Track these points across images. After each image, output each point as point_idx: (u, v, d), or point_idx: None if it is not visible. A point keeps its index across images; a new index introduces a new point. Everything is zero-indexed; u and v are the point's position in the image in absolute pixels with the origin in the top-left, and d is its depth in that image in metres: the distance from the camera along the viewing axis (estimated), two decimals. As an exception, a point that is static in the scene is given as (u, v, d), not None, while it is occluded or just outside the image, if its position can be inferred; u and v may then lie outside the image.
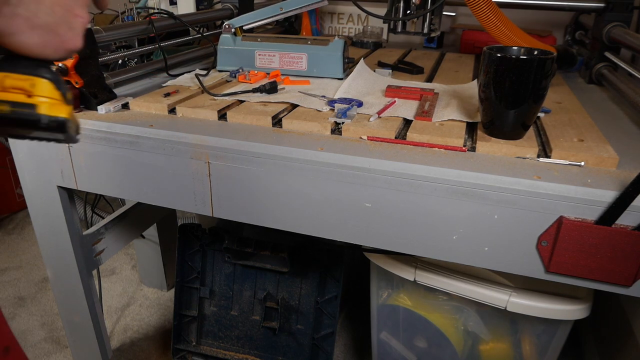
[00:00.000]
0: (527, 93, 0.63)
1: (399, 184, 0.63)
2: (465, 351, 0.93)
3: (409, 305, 0.95)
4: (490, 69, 0.64)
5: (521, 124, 0.66)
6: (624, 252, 0.56)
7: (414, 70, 1.10)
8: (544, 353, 0.88)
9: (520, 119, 0.65)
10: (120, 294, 1.56)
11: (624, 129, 0.78)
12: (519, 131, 0.67)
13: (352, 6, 1.17)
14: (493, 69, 0.63)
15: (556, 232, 0.58)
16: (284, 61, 1.02)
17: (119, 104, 0.83)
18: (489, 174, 0.60)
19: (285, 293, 1.13)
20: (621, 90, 0.89)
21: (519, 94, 0.63)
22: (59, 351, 1.33)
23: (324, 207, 0.69)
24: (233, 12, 1.33)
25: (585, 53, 1.14)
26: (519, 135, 0.68)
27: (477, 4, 0.88)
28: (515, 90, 0.63)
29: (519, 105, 0.64)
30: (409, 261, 0.88)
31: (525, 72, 0.61)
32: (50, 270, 0.97)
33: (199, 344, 1.21)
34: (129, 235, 1.14)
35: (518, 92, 0.63)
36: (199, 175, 0.73)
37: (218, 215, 0.76)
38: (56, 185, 0.85)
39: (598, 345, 1.17)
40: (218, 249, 1.15)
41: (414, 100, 0.86)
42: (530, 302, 0.79)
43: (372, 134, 0.71)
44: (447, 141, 0.68)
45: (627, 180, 0.55)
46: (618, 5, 1.00)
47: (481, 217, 0.61)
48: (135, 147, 0.75)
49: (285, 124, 0.75)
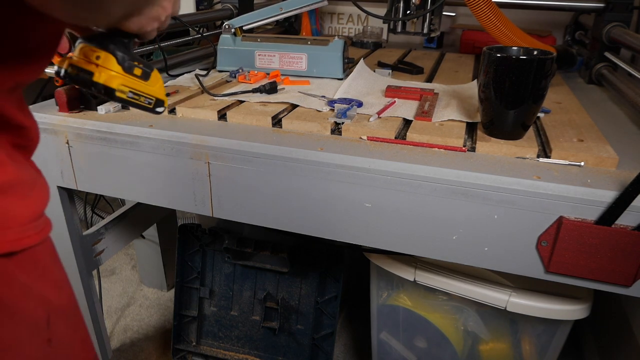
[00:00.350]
0: (526, 93, 0.63)
1: (399, 184, 0.63)
2: (465, 351, 0.93)
3: (409, 305, 0.95)
4: (490, 69, 0.64)
5: (521, 124, 0.66)
6: (624, 252, 0.56)
7: (413, 70, 1.10)
8: (544, 353, 0.88)
9: (520, 119, 0.65)
10: (120, 294, 1.56)
11: (624, 129, 0.78)
12: (518, 131, 0.67)
13: (352, 6, 1.17)
14: (493, 69, 0.63)
15: (556, 232, 0.58)
16: (283, 61, 1.02)
17: (119, 104, 0.83)
18: (489, 174, 0.60)
19: (285, 293, 1.13)
20: (621, 90, 0.89)
21: (519, 94, 0.63)
22: (59, 351, 1.33)
23: (324, 207, 0.69)
24: (233, 12, 1.33)
25: (585, 53, 1.14)
26: (518, 135, 0.68)
27: (477, 4, 0.88)
28: (515, 90, 0.63)
29: (518, 105, 0.64)
30: (409, 261, 0.88)
31: (525, 72, 0.61)
32: (50, 271, 0.97)
33: (199, 344, 1.21)
34: (129, 236, 1.14)
35: (518, 92, 0.63)
36: (199, 175, 0.73)
37: (218, 215, 0.76)
38: (56, 186, 0.85)
39: (598, 345, 1.17)
40: (218, 249, 1.15)
41: (414, 100, 0.86)
42: (530, 302, 0.79)
43: (372, 134, 0.71)
44: (447, 141, 0.68)
45: (627, 180, 0.55)
46: (618, 5, 1.00)
47: (481, 217, 0.61)
48: (135, 147, 0.75)
49: (285, 124, 0.75)
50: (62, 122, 0.78)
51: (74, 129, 0.78)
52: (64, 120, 0.78)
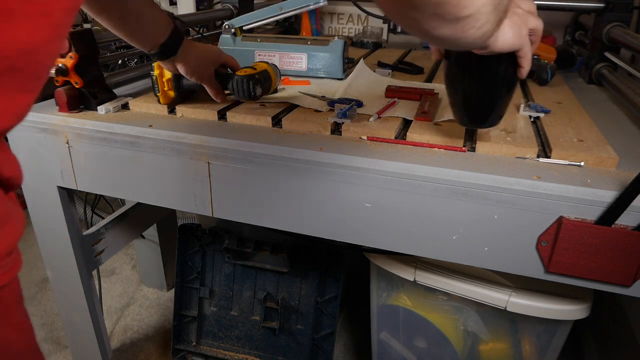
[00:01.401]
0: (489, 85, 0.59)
1: (399, 184, 0.63)
2: (465, 351, 0.93)
3: (408, 305, 0.95)
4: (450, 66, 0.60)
5: (493, 112, 0.62)
6: (624, 252, 0.56)
7: (413, 70, 1.10)
8: (544, 353, 0.88)
9: (492, 106, 0.61)
10: (120, 294, 1.56)
11: (624, 129, 0.78)
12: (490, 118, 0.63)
13: (352, 6, 1.17)
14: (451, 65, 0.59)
15: (556, 232, 0.58)
16: (283, 61, 1.02)
17: (119, 104, 0.83)
18: (489, 174, 0.60)
19: (285, 293, 1.13)
20: (621, 90, 0.89)
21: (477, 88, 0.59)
22: (59, 351, 1.33)
23: (324, 207, 0.69)
24: (233, 13, 1.33)
25: (585, 53, 1.14)
26: (488, 121, 0.63)
27: (477, 4, 0.88)
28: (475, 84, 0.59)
29: (490, 97, 0.60)
30: (409, 261, 0.88)
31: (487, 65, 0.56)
32: (50, 271, 0.97)
33: (199, 344, 1.21)
34: (129, 236, 1.14)
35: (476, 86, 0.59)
36: (199, 175, 0.73)
37: (218, 215, 0.76)
38: (56, 186, 0.85)
39: (598, 345, 1.17)
40: (218, 249, 1.15)
41: (414, 100, 0.86)
42: (530, 302, 0.79)
43: (372, 134, 0.71)
44: (447, 141, 0.68)
45: (627, 180, 0.55)
46: (618, 5, 1.00)
47: (481, 217, 0.61)
48: (135, 147, 0.75)
49: (285, 124, 0.75)
50: (62, 122, 0.78)
51: (74, 129, 0.78)
52: (64, 120, 0.78)
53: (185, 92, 0.83)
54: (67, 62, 0.77)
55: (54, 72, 0.78)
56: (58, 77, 0.79)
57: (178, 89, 0.81)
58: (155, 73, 0.79)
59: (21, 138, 0.82)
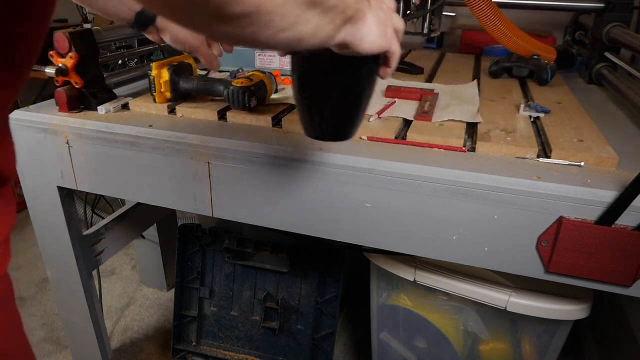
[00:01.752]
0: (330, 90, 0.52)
1: (399, 184, 0.63)
2: (465, 351, 0.93)
3: (408, 305, 0.95)
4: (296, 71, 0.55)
5: (342, 122, 0.54)
6: (624, 252, 0.56)
7: (414, 70, 1.10)
8: (544, 353, 0.88)
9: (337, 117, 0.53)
10: (120, 294, 1.56)
11: (624, 129, 0.78)
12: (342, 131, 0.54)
13: (352, 6, 1.16)
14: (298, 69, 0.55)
15: (556, 232, 0.58)
16: (283, 61, 1.02)
17: (119, 104, 0.83)
18: (489, 174, 0.60)
19: (285, 293, 1.13)
20: (621, 90, 0.89)
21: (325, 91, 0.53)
22: (59, 351, 1.33)
23: (324, 207, 0.69)
24: (233, 12, 1.33)
25: (585, 53, 1.14)
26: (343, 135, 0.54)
27: (477, 4, 0.89)
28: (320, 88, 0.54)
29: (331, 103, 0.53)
30: (409, 261, 0.88)
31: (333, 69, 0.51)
32: (50, 271, 0.97)
33: (199, 344, 1.21)
34: (129, 235, 1.14)
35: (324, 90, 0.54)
36: (199, 175, 0.73)
37: (218, 215, 0.76)
38: (56, 186, 0.85)
39: (598, 345, 1.17)
40: (218, 249, 1.15)
41: (414, 100, 0.86)
42: (530, 302, 0.79)
43: (372, 134, 0.71)
44: (447, 141, 0.68)
45: (627, 180, 0.55)
46: (618, 5, 1.00)
47: (481, 217, 0.61)
48: (135, 147, 0.75)
49: (285, 124, 0.75)
50: (62, 122, 0.78)
51: (74, 129, 0.78)
52: (64, 120, 0.78)
53: (182, 94, 0.83)
54: (67, 62, 0.77)
55: (54, 72, 0.78)
56: (58, 77, 0.79)
57: (174, 90, 0.82)
58: (153, 73, 0.79)
59: (21, 138, 0.82)
